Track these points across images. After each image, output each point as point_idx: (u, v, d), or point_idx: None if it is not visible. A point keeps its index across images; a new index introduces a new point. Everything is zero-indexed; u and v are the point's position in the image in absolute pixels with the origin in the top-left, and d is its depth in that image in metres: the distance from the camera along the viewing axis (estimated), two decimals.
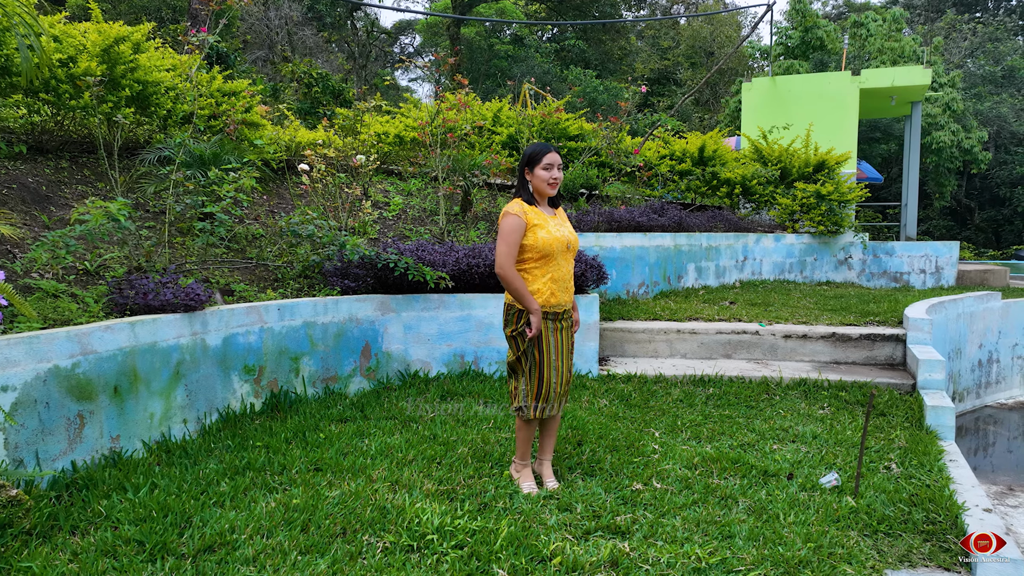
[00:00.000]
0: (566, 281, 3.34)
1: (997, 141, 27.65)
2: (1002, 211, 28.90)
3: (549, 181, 3.25)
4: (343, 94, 16.42)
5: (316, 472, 3.44)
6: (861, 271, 9.89)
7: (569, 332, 3.41)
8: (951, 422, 4.44)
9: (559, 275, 3.30)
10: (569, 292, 3.37)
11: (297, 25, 29.72)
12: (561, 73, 30.39)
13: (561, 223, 3.38)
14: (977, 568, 2.89)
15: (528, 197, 3.32)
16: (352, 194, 5.96)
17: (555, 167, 3.25)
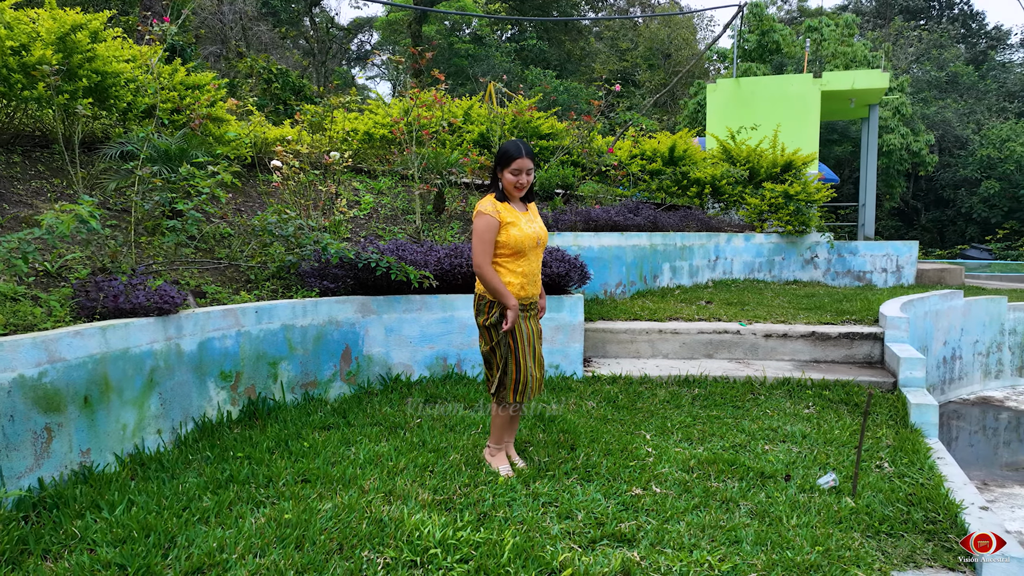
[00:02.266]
0: (535, 274, 3.47)
1: (942, 145, 28.63)
2: (946, 212, 29.95)
3: (516, 185, 3.32)
4: (303, 90, 16.05)
5: (304, 484, 3.27)
6: (826, 270, 10.05)
7: (536, 319, 3.55)
8: (935, 419, 4.48)
9: (529, 269, 3.41)
10: (537, 284, 3.51)
11: (252, 20, 29.01)
12: (521, 73, 30.34)
13: (532, 219, 3.46)
14: (982, 568, 2.89)
15: (500, 194, 3.37)
16: (327, 192, 5.76)
17: (523, 172, 3.30)
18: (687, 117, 26.36)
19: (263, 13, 29.75)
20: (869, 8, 36.85)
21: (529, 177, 3.35)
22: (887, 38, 30.47)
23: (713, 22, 45.74)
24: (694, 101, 26.20)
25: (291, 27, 31.27)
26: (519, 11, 33.60)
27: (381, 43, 38.12)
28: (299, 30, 32.31)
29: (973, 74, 31.52)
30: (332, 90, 8.60)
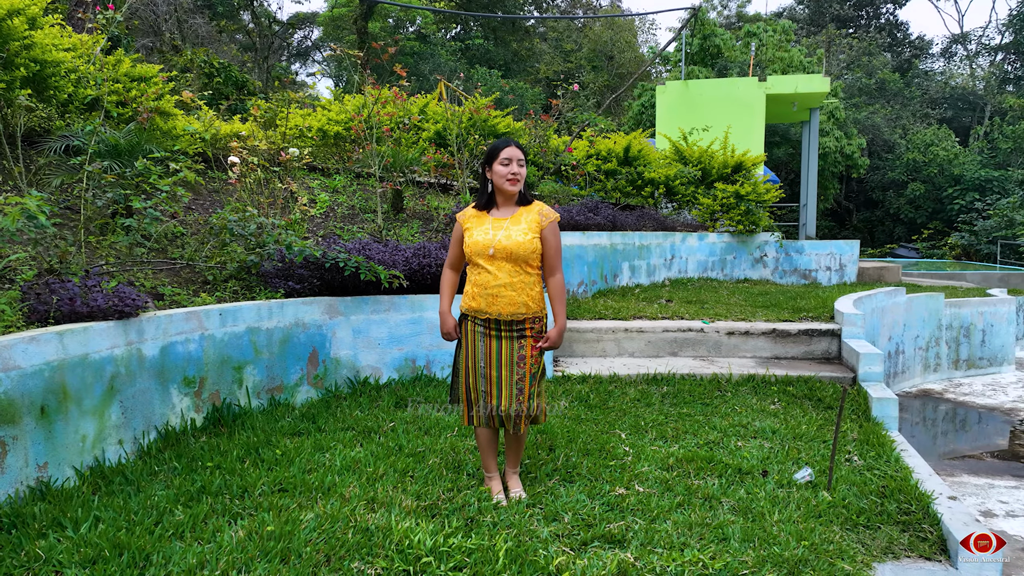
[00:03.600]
0: (492, 288, 3.06)
1: (871, 148, 29.87)
2: (875, 212, 31.26)
3: (508, 176, 3.07)
4: (246, 85, 15.57)
5: (281, 493, 3.13)
6: (775, 268, 10.33)
7: (512, 342, 3.10)
8: (895, 413, 4.63)
9: (483, 281, 3.08)
10: (504, 303, 3.06)
11: (187, 13, 27.99)
12: (468, 72, 30.23)
13: (506, 226, 3.09)
14: (959, 556, 2.98)
15: (486, 200, 3.19)
16: (286, 190, 5.57)
17: (514, 161, 3.08)
18: (631, 119, 26.75)
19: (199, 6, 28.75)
20: (803, 15, 38.16)
21: (521, 169, 3.11)
22: (821, 45, 31.59)
23: (655, 25, 46.65)
24: (638, 103, 26.61)
25: (229, 21, 30.30)
26: (465, 10, 33.43)
27: (323, 39, 37.36)
28: (237, 24, 31.35)
29: (899, 81, 33.01)
30: (287, 85, 8.33)
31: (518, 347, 3.11)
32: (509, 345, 3.12)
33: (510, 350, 3.11)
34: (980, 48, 39.39)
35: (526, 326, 3.11)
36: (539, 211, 3.14)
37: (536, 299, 3.14)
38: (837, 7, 37.35)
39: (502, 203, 3.17)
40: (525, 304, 3.09)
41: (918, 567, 3.00)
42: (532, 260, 3.09)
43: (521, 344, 3.11)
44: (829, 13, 37.44)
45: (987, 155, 28.86)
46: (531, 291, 3.11)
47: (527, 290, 3.10)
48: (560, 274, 3.19)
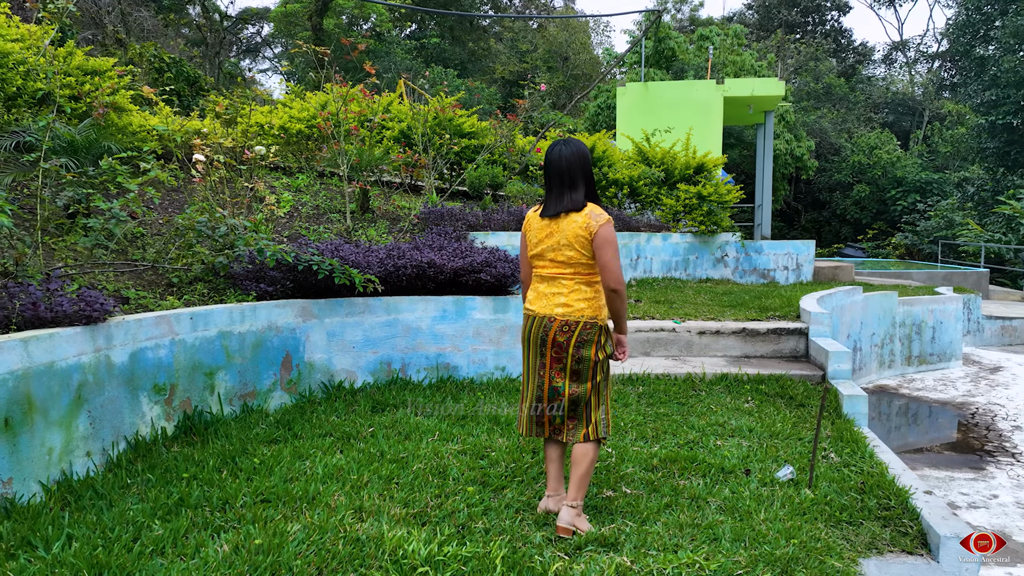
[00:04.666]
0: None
1: (819, 151, 30.70)
2: (823, 213, 32.17)
3: None
4: (198, 81, 15.11)
5: (264, 504, 3.02)
6: (735, 268, 10.51)
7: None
8: (865, 410, 4.74)
9: None
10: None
11: (132, 5, 27.04)
12: (423, 71, 29.99)
13: None
14: (940, 550, 3.06)
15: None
16: (253, 189, 5.40)
17: None
18: (587, 119, 26.92)
19: None
20: (753, 20, 39.03)
21: None
22: (771, 49, 32.35)
23: (609, 27, 47.05)
24: (594, 104, 26.80)
25: (176, 14, 29.38)
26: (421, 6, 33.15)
27: (274, 35, 36.60)
28: (184, 18, 30.41)
29: (844, 86, 34.03)
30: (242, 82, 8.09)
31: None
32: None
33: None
34: (918, 55, 40.94)
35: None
36: None
37: None
38: (785, 13, 38.32)
39: None
40: None
41: (901, 562, 3.06)
42: None
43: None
44: (777, 19, 38.39)
45: (927, 158, 29.99)
46: None
47: None
48: None
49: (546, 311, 2.97)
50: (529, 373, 3.12)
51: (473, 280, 5.01)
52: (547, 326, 2.96)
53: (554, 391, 3.02)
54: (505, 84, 37.60)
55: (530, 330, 3.04)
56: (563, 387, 3.00)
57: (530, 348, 3.07)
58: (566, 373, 2.99)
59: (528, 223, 3.10)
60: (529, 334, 3.06)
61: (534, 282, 3.08)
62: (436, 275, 4.92)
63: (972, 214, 22.15)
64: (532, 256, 3.06)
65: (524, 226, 3.14)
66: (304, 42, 12.03)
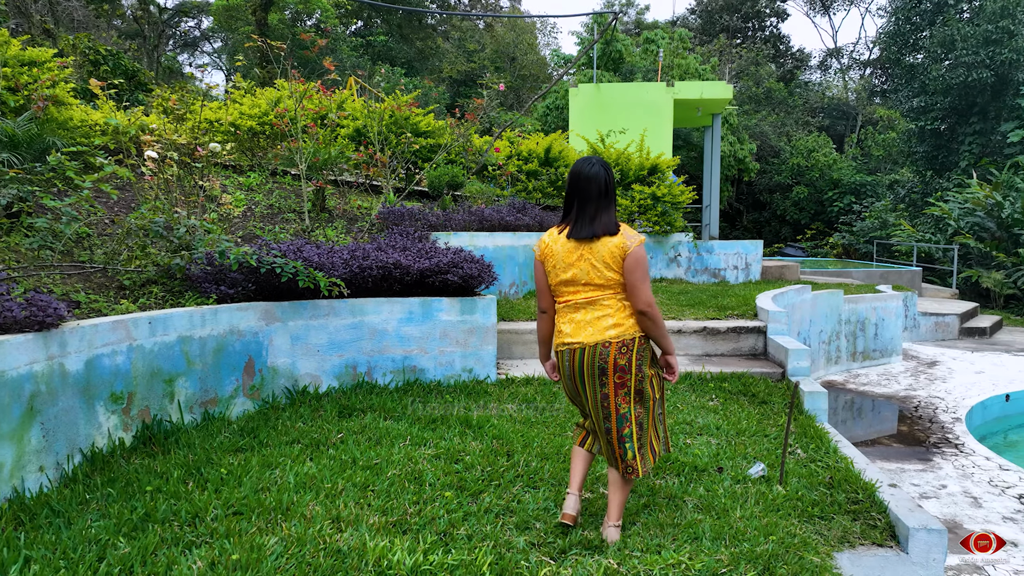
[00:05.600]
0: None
1: (760, 153, 31.59)
2: (763, 214, 33.11)
3: None
4: (137, 75, 14.54)
5: (237, 516, 2.89)
6: (687, 268, 10.69)
7: None
8: (825, 405, 4.87)
9: None
10: None
11: None
12: (370, 68, 29.58)
13: None
14: (909, 541, 3.15)
15: None
16: (200, 187, 5.20)
17: None
18: (537, 120, 27.03)
19: None
20: (696, 25, 39.88)
21: None
22: (714, 53, 33.09)
23: (556, 28, 47.36)
24: (543, 104, 26.93)
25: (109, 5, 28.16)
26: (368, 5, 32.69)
27: (214, 29, 35.51)
28: (119, 9, 29.19)
29: (784, 91, 35.08)
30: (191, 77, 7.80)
31: None
32: None
33: None
34: (852, 62, 42.55)
35: None
36: None
37: None
38: (727, 18, 39.29)
39: None
40: None
41: (872, 554, 3.15)
42: None
43: None
44: (720, 24, 39.33)
45: (861, 161, 31.20)
46: None
47: None
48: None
49: (597, 338, 2.80)
50: (590, 410, 2.95)
51: (440, 281, 4.94)
52: (603, 353, 2.80)
53: (622, 418, 2.90)
54: (453, 84, 37.44)
55: (581, 363, 2.84)
56: (630, 411, 2.90)
57: (585, 382, 2.87)
58: (631, 396, 2.88)
59: (548, 249, 2.88)
60: (581, 368, 2.85)
61: (566, 311, 2.89)
62: (402, 276, 4.83)
63: (904, 215, 23.13)
64: (560, 283, 2.86)
65: (541, 253, 2.92)
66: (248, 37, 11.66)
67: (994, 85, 20.89)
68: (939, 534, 3.14)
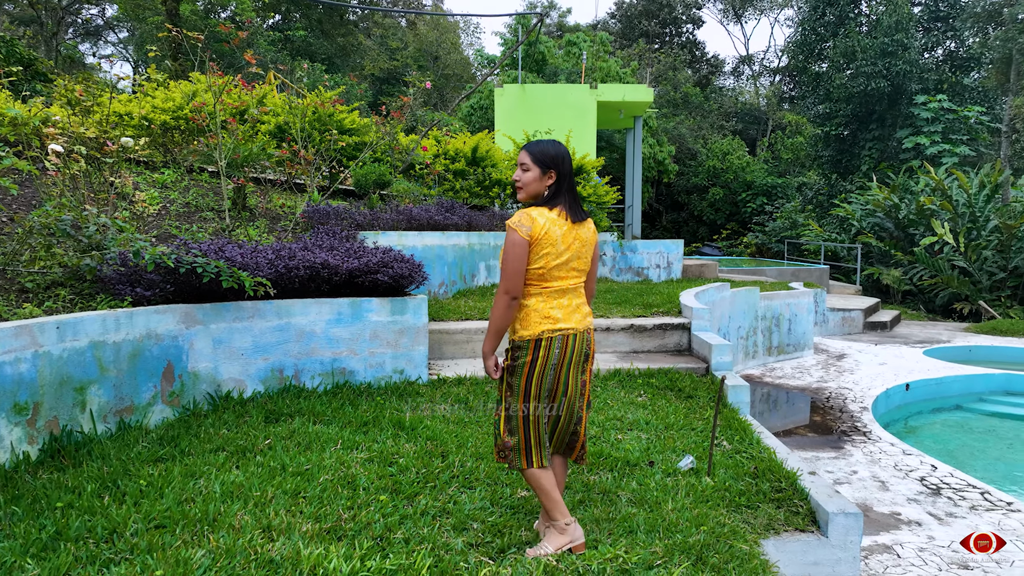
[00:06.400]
0: None
1: (678, 155, 32.59)
2: (681, 214, 34.18)
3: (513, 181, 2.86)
4: (34, 64, 13.63)
5: (159, 530, 2.74)
6: (612, 267, 10.90)
7: None
8: (748, 399, 5.06)
9: None
10: None
11: None
12: (290, 64, 28.77)
13: None
14: (829, 526, 3.31)
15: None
16: (114, 184, 4.92)
17: (519, 167, 2.80)
18: (461, 119, 26.99)
19: None
20: (616, 29, 40.75)
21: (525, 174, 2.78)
22: (633, 57, 33.91)
23: (479, 28, 47.42)
24: (467, 104, 26.92)
25: None
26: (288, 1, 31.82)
27: (120, 18, 33.73)
28: None
29: (700, 95, 36.31)
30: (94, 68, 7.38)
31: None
32: None
33: None
34: (763, 69, 44.46)
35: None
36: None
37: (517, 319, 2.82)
38: (646, 24, 40.33)
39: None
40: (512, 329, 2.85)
41: (796, 539, 3.29)
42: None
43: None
44: (639, 29, 40.32)
45: (772, 164, 32.64)
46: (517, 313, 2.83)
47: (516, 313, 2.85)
48: (499, 288, 2.75)
49: (585, 324, 2.84)
50: (569, 397, 2.87)
51: (369, 281, 4.84)
52: (587, 339, 2.87)
53: (588, 404, 3.03)
54: (376, 81, 36.90)
55: (572, 350, 2.79)
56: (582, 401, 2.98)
57: (571, 369, 2.82)
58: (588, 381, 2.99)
59: (544, 231, 2.69)
60: (572, 354, 2.79)
61: (551, 297, 2.78)
62: (330, 276, 4.71)
63: (812, 216, 24.36)
64: (556, 266, 2.74)
65: (534, 235, 2.69)
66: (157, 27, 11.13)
67: (890, 94, 22.28)
68: (855, 517, 3.31)
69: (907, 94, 22.14)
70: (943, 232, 15.88)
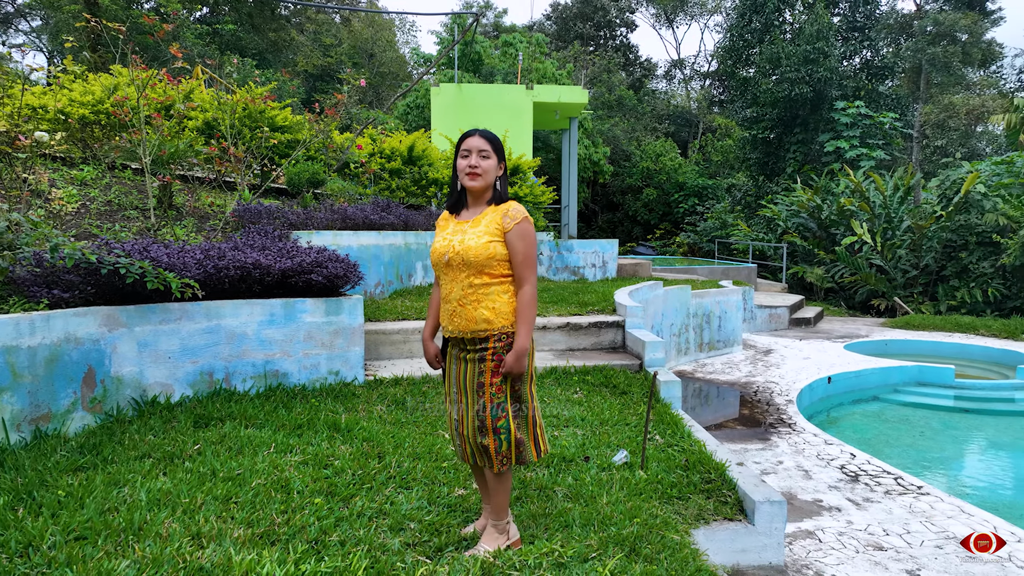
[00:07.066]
0: (450, 303, 2.78)
1: (613, 157, 33.17)
2: (617, 215, 34.80)
3: (466, 171, 2.72)
4: None
5: (80, 542, 2.64)
6: (549, 266, 11.01)
7: (474, 366, 2.76)
8: (679, 394, 5.21)
9: (443, 294, 2.83)
10: (461, 318, 2.74)
11: None
12: (219, 59, 27.89)
13: (465, 230, 2.75)
14: (755, 514, 3.44)
15: (455, 200, 2.85)
16: (27, 180, 4.68)
17: (474, 153, 2.71)
18: (397, 118, 26.74)
19: None
20: (552, 31, 41.13)
21: (484, 161, 2.70)
22: (569, 59, 34.30)
23: (415, 27, 47.08)
24: (403, 103, 26.68)
25: None
26: None
27: (32, 6, 31.98)
28: None
29: (633, 98, 37.02)
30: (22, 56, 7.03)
31: (478, 372, 2.74)
32: (472, 368, 2.76)
33: (473, 373, 2.76)
34: (693, 73, 45.68)
35: (489, 345, 2.72)
36: (505, 211, 2.73)
37: (502, 312, 2.73)
38: (581, 26, 40.85)
39: (471, 203, 2.81)
40: (486, 320, 2.71)
41: (724, 528, 3.41)
42: (492, 268, 2.71)
43: (481, 369, 2.73)
44: (574, 31, 40.82)
45: (703, 166, 33.59)
46: (493, 303, 2.72)
47: (487, 302, 2.72)
48: (529, 286, 2.73)
49: None
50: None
51: (303, 281, 4.76)
52: None
53: None
54: (309, 78, 36.18)
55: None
56: None
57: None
58: None
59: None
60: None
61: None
62: (262, 277, 4.61)
63: (741, 216, 25.19)
64: None
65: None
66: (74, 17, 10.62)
67: (813, 100, 23.25)
68: (780, 505, 3.46)
69: (828, 100, 23.15)
70: (862, 232, 16.68)
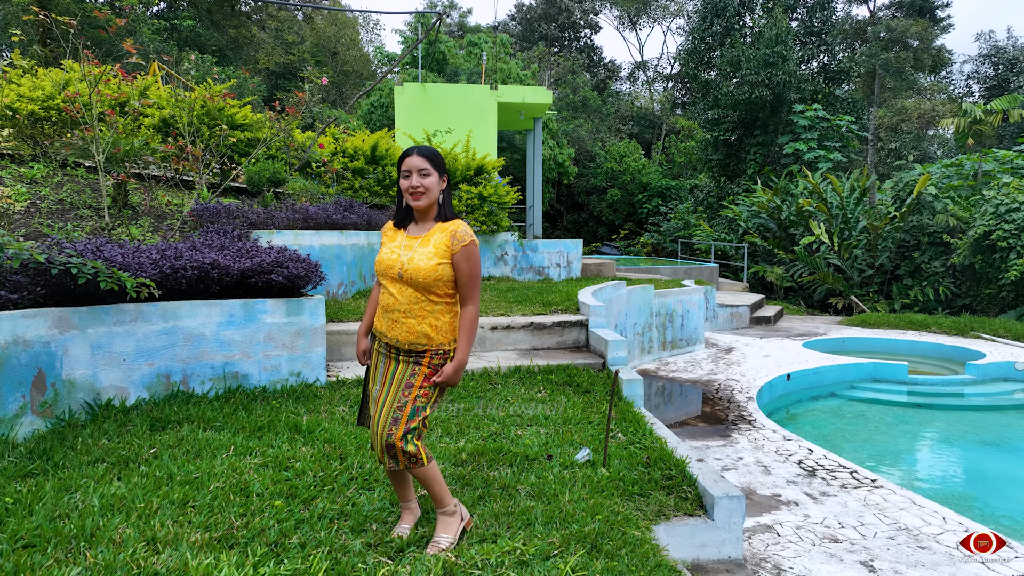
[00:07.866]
0: (393, 313, 2.82)
1: (578, 157, 33.38)
2: (581, 215, 35.04)
3: (408, 191, 2.78)
4: None
5: (29, 550, 2.57)
6: (514, 266, 11.04)
7: (408, 366, 2.84)
8: (641, 392, 5.26)
9: (385, 303, 2.86)
10: (403, 329, 2.81)
11: None
12: (176, 55, 27.31)
13: (415, 247, 2.81)
14: (714, 510, 3.50)
15: (403, 215, 2.92)
16: None
17: (414, 173, 2.75)
18: (360, 117, 26.51)
19: None
20: (517, 31, 41.21)
21: (425, 179, 2.74)
22: (534, 60, 34.41)
23: (379, 25, 46.70)
24: (367, 102, 26.47)
25: None
26: None
27: None
28: None
29: (598, 99, 37.30)
30: None
31: (411, 372, 2.82)
32: (404, 368, 2.84)
33: (403, 373, 2.83)
34: (656, 75, 46.20)
35: (425, 358, 2.82)
36: (452, 233, 2.78)
37: (442, 330, 2.83)
38: (545, 27, 41.00)
39: (419, 219, 2.87)
40: (426, 335, 2.80)
41: (684, 523, 3.47)
42: (437, 288, 2.79)
43: (415, 371, 2.82)
44: (539, 32, 40.96)
45: (666, 167, 34.00)
46: (435, 321, 2.82)
47: (430, 319, 2.81)
48: (472, 305, 2.85)
49: None
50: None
51: (263, 282, 4.69)
52: None
53: None
54: (271, 76, 35.65)
55: None
56: None
57: None
58: None
59: None
60: None
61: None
62: (221, 277, 4.53)
63: (703, 216, 25.55)
64: None
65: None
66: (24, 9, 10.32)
67: (772, 102, 23.69)
68: (738, 500, 3.52)
69: (787, 103, 23.62)
70: (820, 232, 17.06)
